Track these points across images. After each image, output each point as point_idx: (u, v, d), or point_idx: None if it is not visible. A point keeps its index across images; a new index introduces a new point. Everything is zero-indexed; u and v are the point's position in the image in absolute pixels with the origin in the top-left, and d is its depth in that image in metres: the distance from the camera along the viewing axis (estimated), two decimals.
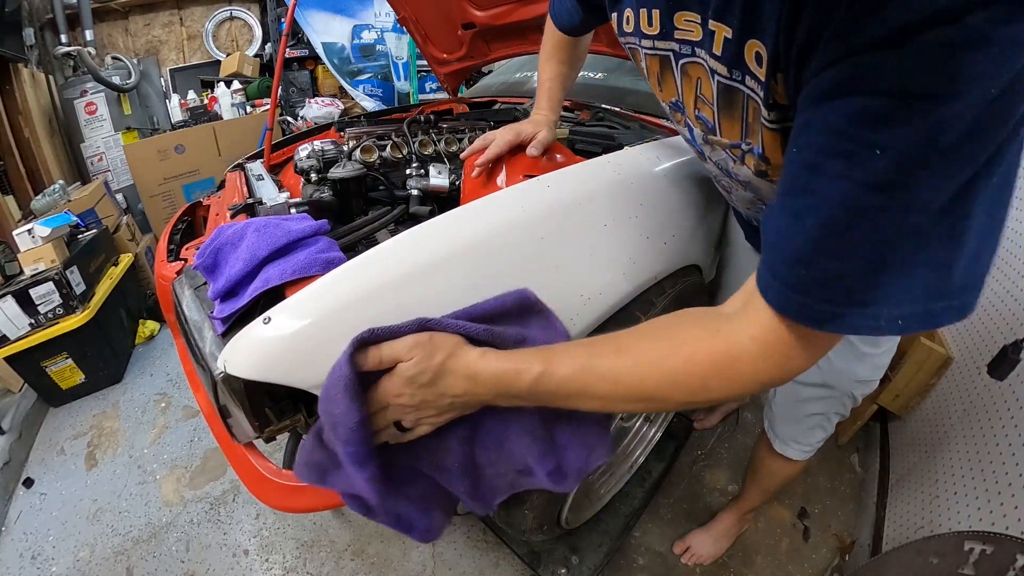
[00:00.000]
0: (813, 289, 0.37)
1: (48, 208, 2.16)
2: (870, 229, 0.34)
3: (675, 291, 0.89)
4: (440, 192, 0.98)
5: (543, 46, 0.93)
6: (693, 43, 0.51)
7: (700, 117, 0.58)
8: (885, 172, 0.32)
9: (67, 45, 2.90)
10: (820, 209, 0.36)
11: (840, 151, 0.34)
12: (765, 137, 0.48)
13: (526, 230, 0.70)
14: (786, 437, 0.99)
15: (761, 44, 0.42)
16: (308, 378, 0.58)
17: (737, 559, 1.29)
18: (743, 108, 0.50)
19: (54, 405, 1.93)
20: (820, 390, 0.86)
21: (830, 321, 0.37)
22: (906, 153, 0.32)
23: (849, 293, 0.36)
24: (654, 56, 0.59)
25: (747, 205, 0.74)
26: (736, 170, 0.60)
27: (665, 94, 0.63)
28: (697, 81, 0.54)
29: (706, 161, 0.69)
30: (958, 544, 0.87)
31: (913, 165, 0.32)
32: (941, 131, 0.31)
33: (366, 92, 3.49)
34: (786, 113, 0.44)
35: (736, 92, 0.50)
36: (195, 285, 0.82)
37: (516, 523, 0.92)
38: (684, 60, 0.54)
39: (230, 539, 1.39)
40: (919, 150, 0.31)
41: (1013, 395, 1.01)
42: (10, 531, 1.48)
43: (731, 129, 0.54)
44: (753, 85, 0.46)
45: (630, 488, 1.36)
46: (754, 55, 0.44)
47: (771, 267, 0.40)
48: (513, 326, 0.59)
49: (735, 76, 0.48)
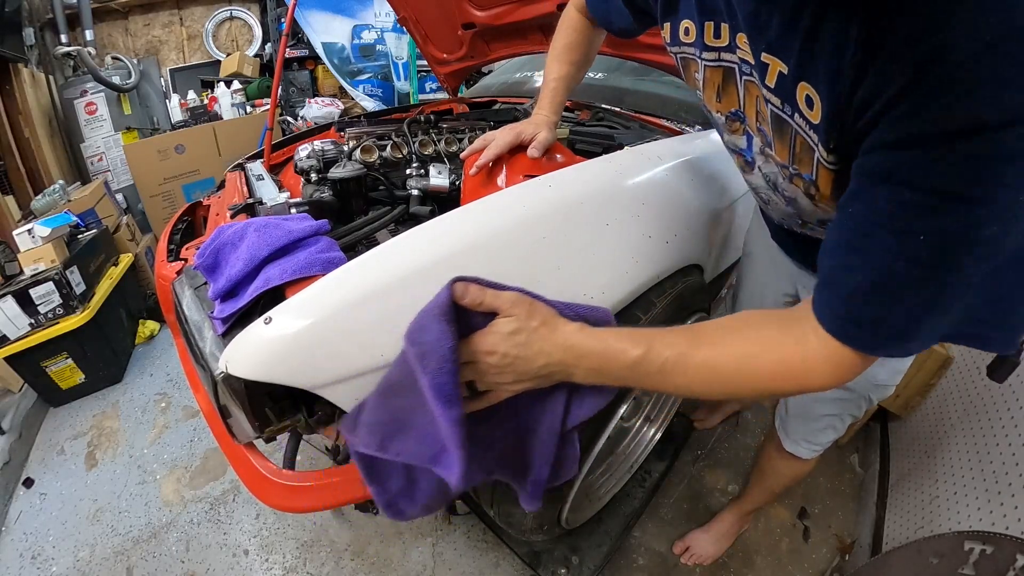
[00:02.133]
0: (862, 325, 0.44)
1: (48, 208, 2.16)
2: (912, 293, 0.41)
3: (676, 291, 0.89)
4: (440, 192, 0.98)
5: (552, 45, 0.91)
6: (751, 65, 0.52)
7: (761, 130, 0.59)
8: (925, 254, 0.38)
9: (67, 45, 2.90)
10: (872, 270, 0.41)
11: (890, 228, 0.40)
12: (820, 172, 0.51)
13: (527, 230, 0.70)
14: (797, 436, 0.98)
15: (813, 90, 0.44)
16: (309, 378, 0.58)
17: (737, 559, 1.29)
18: (792, 138, 0.52)
19: (54, 405, 1.93)
20: (838, 391, 0.86)
21: (873, 349, 0.45)
22: (943, 241, 0.37)
23: (890, 331, 0.43)
24: (717, 67, 0.59)
25: (782, 217, 0.74)
26: (785, 186, 0.62)
27: (724, 105, 0.63)
28: (757, 99, 0.56)
29: (753, 172, 0.69)
30: (958, 544, 0.87)
31: (949, 252, 0.38)
32: (974, 227, 0.36)
33: (366, 92, 3.49)
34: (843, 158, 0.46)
35: (786, 123, 0.51)
36: (195, 285, 0.82)
37: (516, 523, 0.92)
38: (746, 77, 0.56)
39: (230, 539, 1.39)
40: (955, 240, 0.37)
41: (1013, 395, 1.01)
42: (10, 531, 1.48)
43: (782, 151, 0.56)
44: (802, 123, 0.48)
45: (630, 488, 1.36)
46: (804, 98, 0.46)
47: (828, 303, 0.46)
48: None
49: (786, 110, 0.50)
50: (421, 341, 0.49)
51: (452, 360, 0.48)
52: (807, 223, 0.68)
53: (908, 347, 0.45)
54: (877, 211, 0.40)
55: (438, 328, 0.49)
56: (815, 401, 0.91)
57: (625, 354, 0.50)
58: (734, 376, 0.49)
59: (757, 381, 0.49)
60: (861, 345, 0.45)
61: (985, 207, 0.35)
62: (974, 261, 0.38)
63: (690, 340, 0.51)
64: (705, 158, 1.00)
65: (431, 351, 0.48)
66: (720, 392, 0.51)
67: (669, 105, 1.36)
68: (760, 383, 0.49)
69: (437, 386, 0.48)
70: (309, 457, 1.46)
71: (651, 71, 1.49)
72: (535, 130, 0.88)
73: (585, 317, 0.59)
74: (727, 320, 0.53)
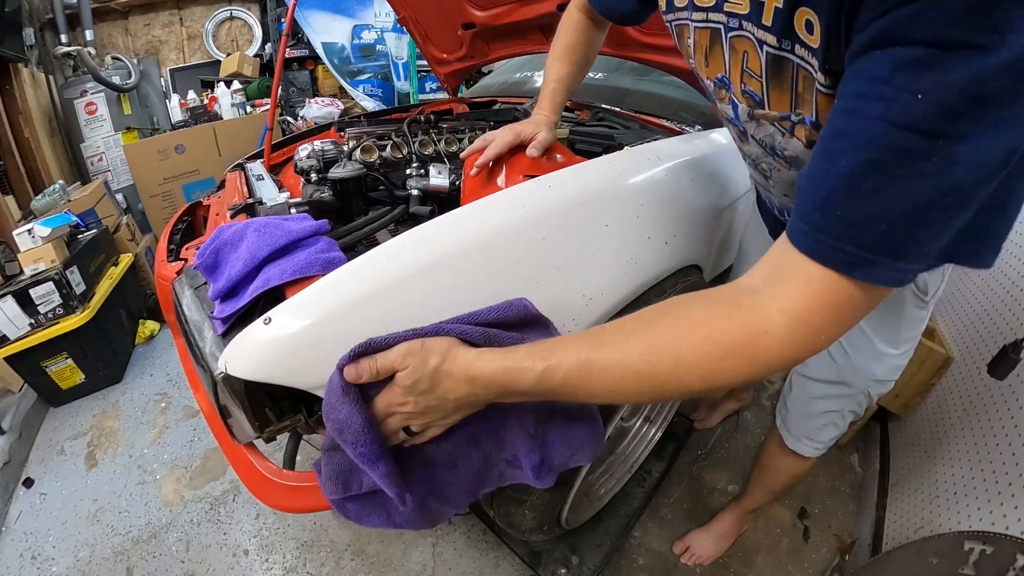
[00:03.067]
0: (845, 232, 0.36)
1: (48, 208, 2.16)
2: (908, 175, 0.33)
3: (675, 291, 0.89)
4: (440, 192, 0.98)
5: (553, 45, 0.92)
6: (741, 16, 0.51)
7: (747, 91, 0.57)
8: (924, 116, 0.32)
9: (67, 45, 2.90)
10: (856, 149, 0.35)
11: (880, 95, 0.33)
12: (820, 103, 0.47)
13: (527, 230, 0.70)
14: (799, 434, 0.98)
15: (812, 12, 0.41)
16: (308, 378, 0.58)
17: (737, 559, 1.29)
18: (792, 78, 0.49)
19: (54, 405, 1.93)
20: (837, 387, 0.86)
21: (860, 266, 0.36)
22: (945, 100, 0.31)
23: (882, 239, 0.35)
24: (705, 29, 0.58)
25: (786, 189, 0.71)
26: (784, 144, 0.59)
27: (712, 70, 0.62)
28: (744, 55, 0.54)
29: (747, 142, 0.67)
30: (958, 544, 0.87)
31: (953, 114, 0.31)
32: (980, 81, 0.30)
33: (366, 92, 3.49)
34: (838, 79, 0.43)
35: (786, 62, 0.48)
36: (195, 285, 0.81)
37: (516, 523, 0.92)
38: (732, 33, 0.54)
39: (230, 539, 1.39)
40: (959, 99, 0.31)
41: (1013, 395, 1.01)
42: (10, 531, 1.48)
43: (780, 100, 0.53)
44: (804, 53, 0.45)
45: (630, 488, 1.36)
46: (804, 23, 0.43)
47: (803, 214, 0.39)
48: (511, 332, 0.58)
49: (784, 46, 0.47)
50: (335, 419, 0.51)
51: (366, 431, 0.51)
52: None
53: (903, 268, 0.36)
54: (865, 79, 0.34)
55: (346, 409, 0.50)
56: (815, 398, 0.91)
57: (525, 372, 0.47)
58: (653, 372, 0.43)
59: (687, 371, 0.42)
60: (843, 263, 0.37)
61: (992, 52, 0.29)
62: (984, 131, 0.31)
63: (594, 343, 0.46)
64: (705, 158, 1.00)
65: (345, 428, 0.51)
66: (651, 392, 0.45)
67: (669, 105, 1.36)
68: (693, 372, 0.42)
69: (360, 455, 0.51)
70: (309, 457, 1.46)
71: (651, 71, 1.49)
72: (535, 130, 0.88)
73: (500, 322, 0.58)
74: (645, 310, 0.47)
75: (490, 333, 0.55)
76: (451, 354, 0.50)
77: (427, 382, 0.50)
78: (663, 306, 0.47)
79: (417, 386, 0.50)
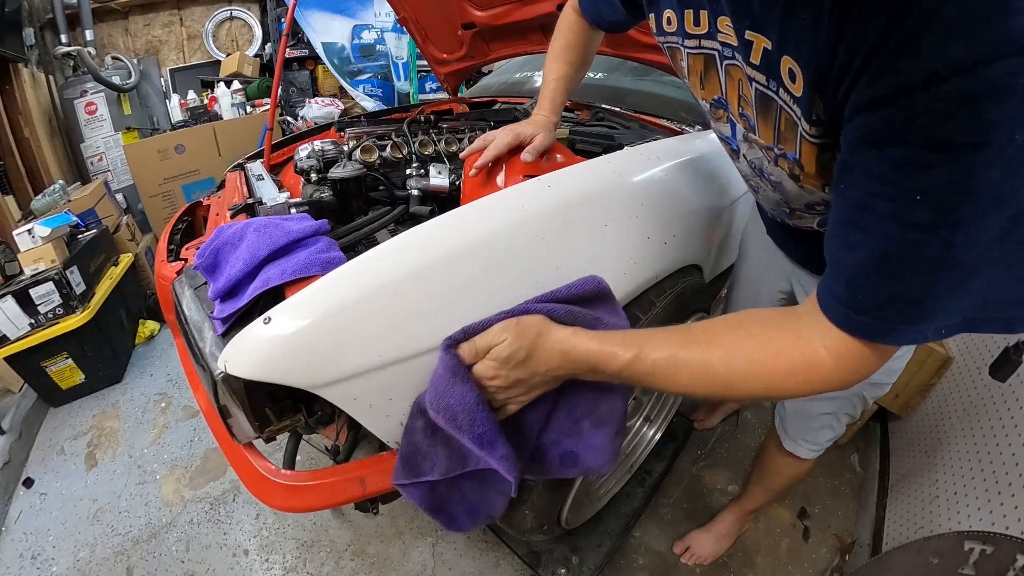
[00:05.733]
0: (868, 309, 0.41)
1: (48, 208, 2.16)
2: (916, 261, 0.38)
3: (675, 291, 0.89)
4: (440, 192, 0.98)
5: (552, 45, 0.92)
6: (733, 47, 0.53)
7: (743, 115, 0.59)
8: (924, 214, 0.36)
9: (67, 45, 2.90)
10: (872, 243, 0.39)
11: (885, 194, 0.38)
12: (803, 148, 0.51)
13: (527, 230, 0.70)
14: (796, 435, 0.99)
15: (795, 63, 0.44)
16: (308, 378, 0.58)
17: (737, 559, 1.29)
18: (776, 116, 0.52)
19: (54, 405, 1.93)
20: None
21: (882, 335, 0.42)
22: (941, 198, 0.35)
23: (900, 312, 0.40)
24: (698, 55, 0.60)
25: (772, 206, 0.75)
26: (770, 170, 0.62)
27: (707, 92, 0.64)
28: (739, 82, 0.56)
29: (739, 160, 0.71)
30: (958, 544, 0.87)
31: (949, 208, 0.35)
32: (971, 176, 0.33)
33: (366, 92, 3.49)
34: (826, 130, 0.46)
35: (771, 100, 0.51)
36: (195, 285, 0.82)
37: (516, 523, 0.92)
38: (727, 62, 0.56)
39: (230, 539, 1.39)
40: (953, 195, 0.34)
41: (1013, 395, 1.01)
42: (10, 531, 1.48)
43: (766, 132, 0.56)
44: (786, 98, 0.48)
45: (630, 488, 1.36)
46: (787, 71, 0.46)
47: (830, 288, 0.44)
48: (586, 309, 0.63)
49: (771, 86, 0.50)
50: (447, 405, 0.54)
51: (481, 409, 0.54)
52: (795, 211, 0.69)
53: (920, 330, 0.41)
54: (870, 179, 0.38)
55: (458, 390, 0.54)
56: (810, 400, 0.91)
57: (616, 358, 0.52)
58: (728, 375, 0.48)
59: (755, 380, 0.48)
60: (866, 333, 0.42)
61: (978, 152, 0.32)
62: (977, 216, 0.35)
63: (681, 340, 0.51)
64: (705, 158, 1.00)
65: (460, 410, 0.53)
66: (719, 392, 0.50)
67: (669, 105, 1.36)
68: (758, 381, 0.48)
69: (477, 437, 0.54)
70: (309, 457, 1.46)
71: (651, 71, 1.49)
72: (534, 131, 0.88)
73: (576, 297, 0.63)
74: (724, 319, 0.53)
75: (574, 312, 0.60)
76: (546, 328, 0.56)
77: (523, 353, 0.54)
78: (742, 317, 0.52)
79: (513, 357, 0.54)
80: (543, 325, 0.56)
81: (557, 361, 0.55)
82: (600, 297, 0.66)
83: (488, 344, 0.56)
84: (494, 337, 0.55)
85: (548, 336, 0.55)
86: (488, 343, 0.56)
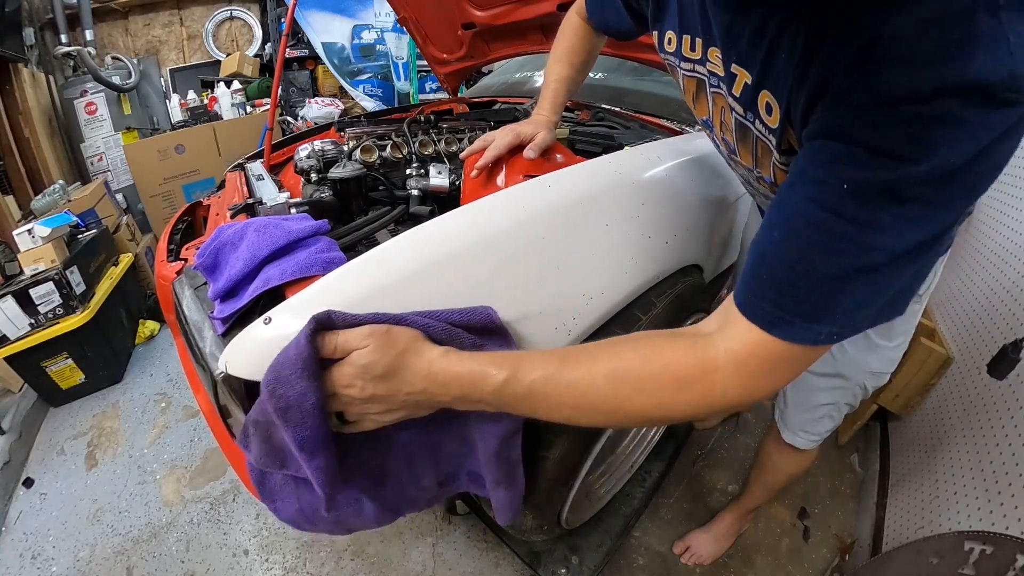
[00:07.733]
0: (768, 293, 0.41)
1: (48, 208, 2.16)
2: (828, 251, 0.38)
3: (676, 291, 0.89)
4: (440, 192, 0.98)
5: (555, 46, 0.93)
6: (719, 77, 0.55)
7: (725, 139, 0.62)
8: (847, 205, 0.36)
9: (67, 45, 2.90)
10: (788, 222, 0.40)
11: (815, 178, 0.38)
12: (777, 175, 0.53)
13: (527, 230, 0.70)
14: (795, 427, 0.99)
15: (772, 97, 0.46)
16: None
17: (737, 559, 1.29)
18: (754, 144, 0.55)
19: (54, 405, 1.93)
20: (833, 380, 0.87)
21: (778, 326, 0.41)
22: (869, 196, 0.36)
23: (799, 303, 0.40)
24: (691, 78, 0.63)
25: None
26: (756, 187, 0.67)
27: (699, 112, 0.67)
28: (722, 110, 0.59)
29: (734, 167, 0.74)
30: (958, 544, 0.87)
31: (874, 207, 0.36)
32: (903, 186, 0.35)
33: (366, 92, 3.49)
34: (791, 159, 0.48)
35: (748, 130, 0.53)
36: (195, 285, 0.81)
37: (516, 523, 0.92)
38: (713, 89, 0.59)
39: (230, 539, 1.39)
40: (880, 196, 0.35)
41: (1013, 395, 1.01)
42: (10, 531, 1.48)
43: (746, 156, 0.59)
44: (762, 129, 0.50)
45: (630, 488, 1.36)
46: (765, 105, 0.47)
47: (743, 272, 0.44)
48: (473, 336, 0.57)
49: (748, 117, 0.52)
50: (283, 395, 0.47)
51: (315, 415, 0.47)
52: None
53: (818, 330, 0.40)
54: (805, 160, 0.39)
55: (301, 385, 0.47)
56: (811, 390, 0.92)
57: (489, 379, 0.47)
58: (614, 393, 0.44)
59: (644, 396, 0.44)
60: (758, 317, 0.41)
61: (916, 166, 0.34)
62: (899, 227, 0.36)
63: (560, 360, 0.47)
64: (705, 158, 1.00)
65: (293, 406, 0.47)
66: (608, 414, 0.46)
67: (669, 105, 1.36)
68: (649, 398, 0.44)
69: (300, 440, 0.48)
70: None
71: (651, 71, 1.49)
72: (534, 130, 0.88)
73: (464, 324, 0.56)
74: (609, 340, 0.50)
75: (453, 332, 0.54)
76: (415, 346, 0.50)
77: (383, 368, 0.48)
78: (629, 336, 0.49)
79: (371, 369, 0.48)
80: (413, 341, 0.50)
81: (421, 385, 0.48)
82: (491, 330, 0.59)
83: (348, 346, 0.49)
84: (357, 340, 0.49)
85: (415, 354, 0.49)
86: (350, 344, 0.49)
